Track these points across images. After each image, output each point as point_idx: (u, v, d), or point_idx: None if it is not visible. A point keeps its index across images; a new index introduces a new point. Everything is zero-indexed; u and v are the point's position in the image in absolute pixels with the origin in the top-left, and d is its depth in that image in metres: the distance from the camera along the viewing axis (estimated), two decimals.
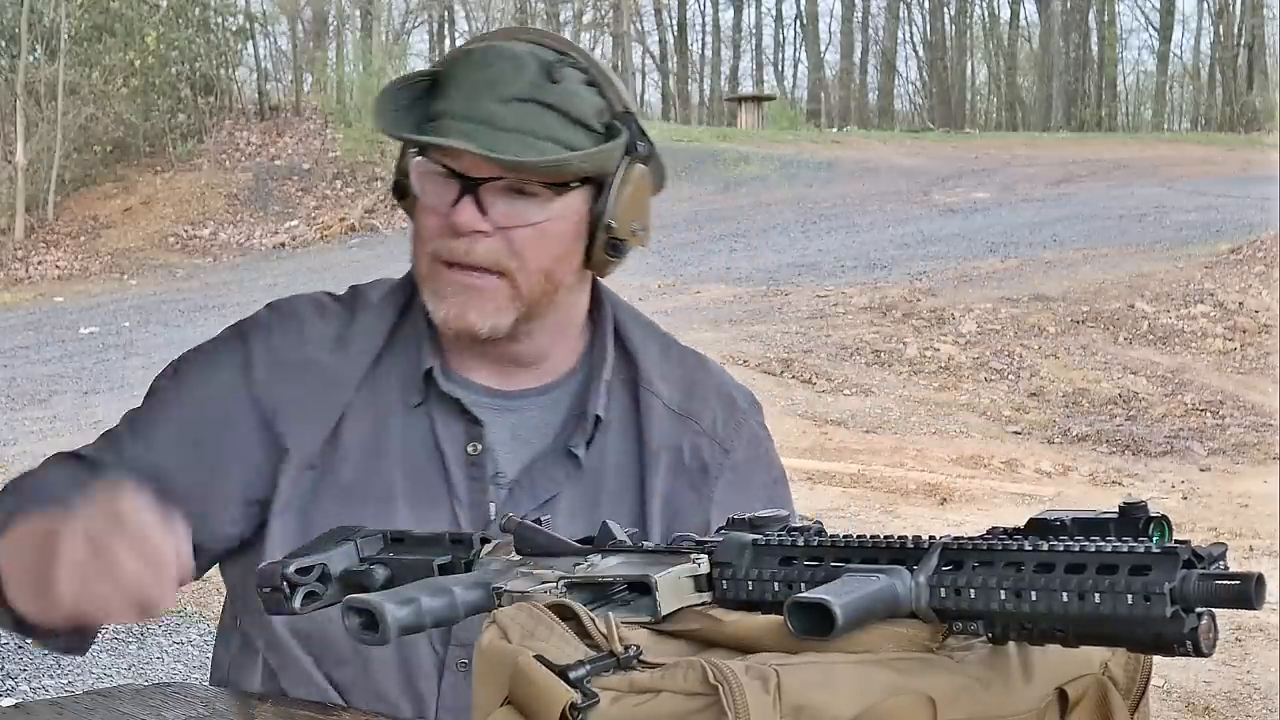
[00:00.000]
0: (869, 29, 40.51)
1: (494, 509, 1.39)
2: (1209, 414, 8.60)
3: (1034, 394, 8.88)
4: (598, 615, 0.86)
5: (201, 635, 4.87)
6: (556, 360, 1.45)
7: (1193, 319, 10.21)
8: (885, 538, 0.88)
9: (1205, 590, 0.75)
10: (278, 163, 20.22)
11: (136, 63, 20.18)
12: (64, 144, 19.06)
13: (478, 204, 1.32)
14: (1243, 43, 36.15)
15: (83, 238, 18.30)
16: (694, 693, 0.80)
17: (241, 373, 1.42)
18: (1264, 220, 13.24)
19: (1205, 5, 38.57)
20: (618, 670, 0.83)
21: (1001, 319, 10.15)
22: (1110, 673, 0.89)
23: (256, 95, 22.67)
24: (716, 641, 0.88)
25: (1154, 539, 0.82)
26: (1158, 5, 38.44)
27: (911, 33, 40.96)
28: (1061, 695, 0.87)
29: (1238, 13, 36.78)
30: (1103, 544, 0.79)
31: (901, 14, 40.03)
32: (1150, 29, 40.74)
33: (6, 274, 16.96)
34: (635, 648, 0.84)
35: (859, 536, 0.89)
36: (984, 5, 39.29)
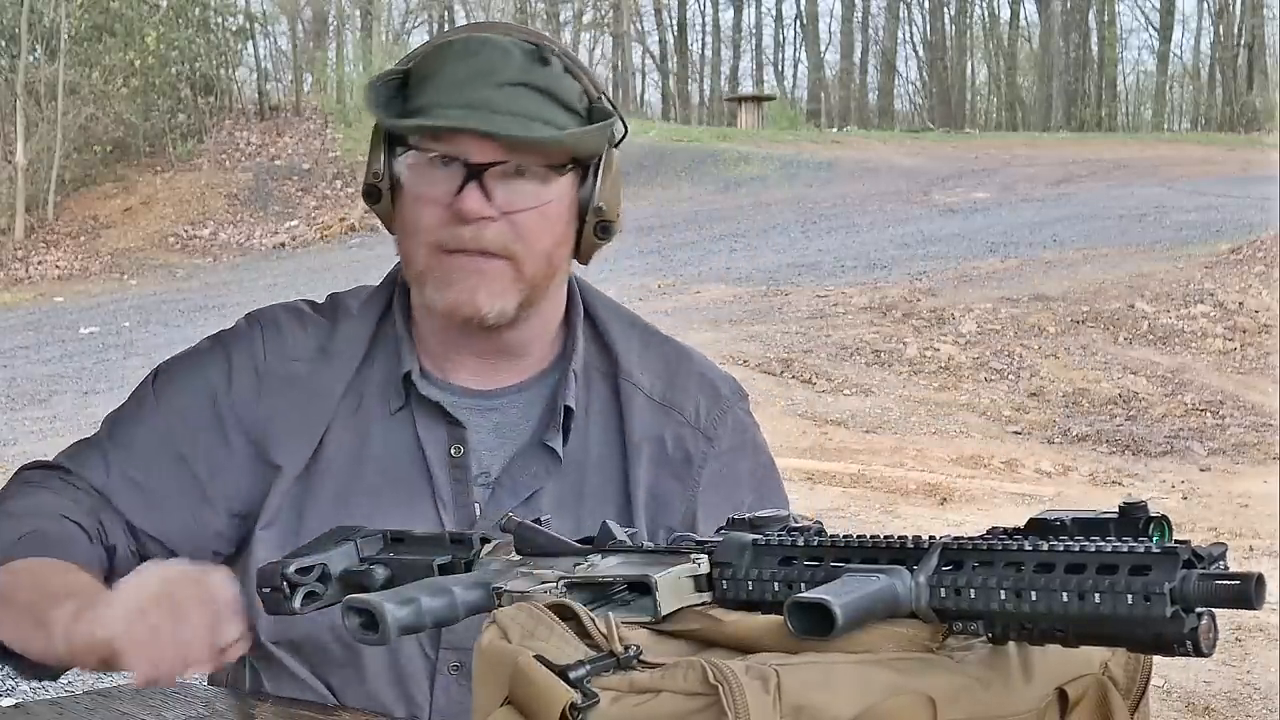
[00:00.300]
0: (869, 29, 40.54)
1: (479, 509, 1.39)
2: (1209, 414, 8.59)
3: (1034, 394, 8.87)
4: (598, 615, 0.86)
5: None
6: (537, 355, 1.45)
7: (1193, 319, 10.21)
8: (885, 538, 0.88)
9: (1205, 590, 0.75)
10: (278, 163, 20.22)
11: (136, 63, 20.18)
12: (64, 144, 19.06)
13: (483, 189, 1.32)
14: (1243, 43, 36.14)
15: (83, 238, 18.30)
16: (694, 693, 0.80)
17: (224, 384, 1.42)
18: (1264, 220, 13.23)
19: (1205, 5, 38.59)
20: (618, 670, 0.83)
21: (1001, 319, 10.15)
22: (1110, 673, 0.89)
23: (256, 95, 22.68)
24: (716, 641, 0.88)
25: (1154, 539, 0.82)
26: (1158, 5, 38.46)
27: (911, 33, 40.98)
28: (1061, 695, 0.87)
29: (1238, 13, 36.78)
30: (1103, 544, 0.79)
31: (901, 14, 40.04)
32: (1150, 29, 40.75)
33: (6, 274, 16.96)
34: (635, 648, 0.84)
35: (859, 536, 0.89)
36: (984, 5, 39.31)
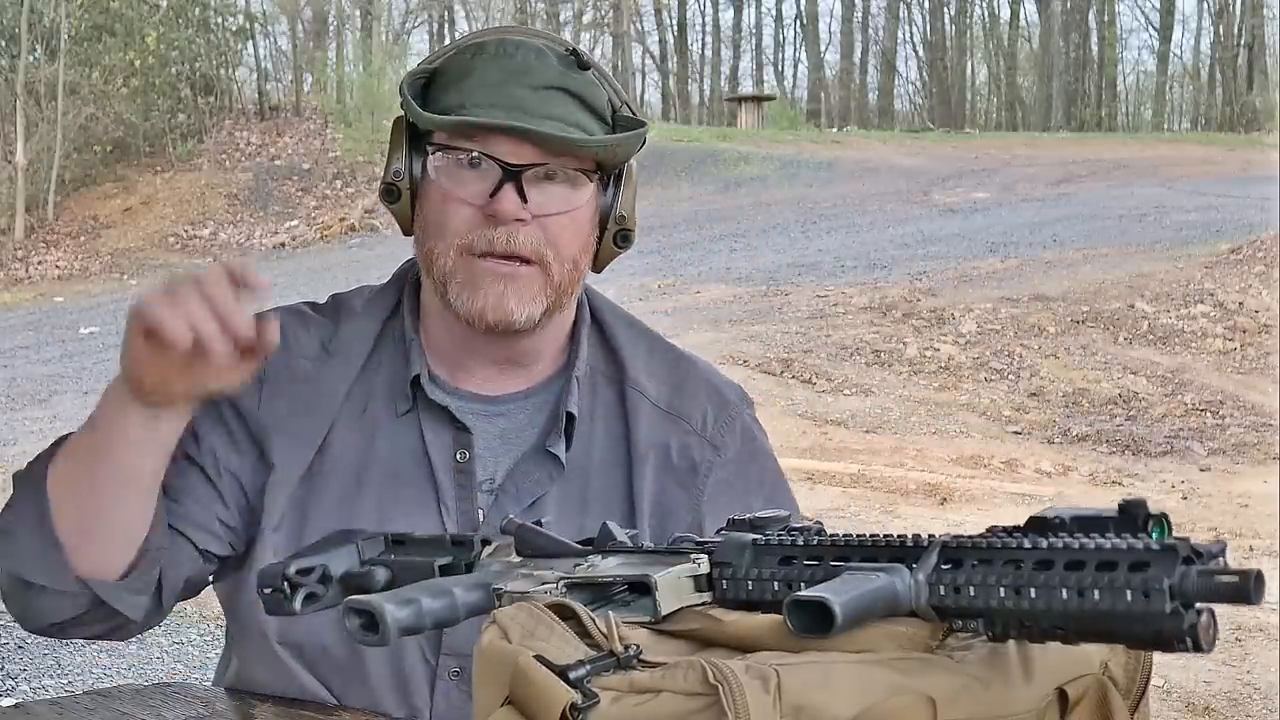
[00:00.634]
0: (869, 29, 40.56)
1: (482, 515, 1.39)
2: (1209, 414, 8.59)
3: (1034, 394, 8.87)
4: (598, 615, 0.86)
5: (201, 635, 4.87)
6: (545, 362, 1.45)
7: (1193, 319, 10.21)
8: (885, 537, 0.88)
9: (1204, 586, 0.75)
10: (278, 163, 20.22)
11: (136, 63, 20.20)
12: (64, 144, 19.07)
13: (519, 192, 1.31)
14: (1243, 43, 36.15)
15: (83, 238, 18.30)
16: (694, 693, 0.80)
17: None
18: (1264, 220, 13.23)
19: (1205, 5, 38.60)
20: (618, 670, 0.83)
21: (1001, 319, 10.14)
22: (1110, 672, 0.89)
23: (256, 95, 22.69)
24: (716, 641, 0.88)
25: (1153, 536, 0.82)
26: (1158, 5, 38.47)
27: (911, 33, 41.00)
28: (1061, 695, 0.87)
29: (1238, 13, 36.79)
30: (1102, 541, 0.79)
31: (901, 14, 40.06)
32: (1150, 29, 40.79)
33: (6, 274, 16.97)
34: (635, 647, 0.84)
35: (859, 536, 0.89)
36: (984, 5, 39.33)
